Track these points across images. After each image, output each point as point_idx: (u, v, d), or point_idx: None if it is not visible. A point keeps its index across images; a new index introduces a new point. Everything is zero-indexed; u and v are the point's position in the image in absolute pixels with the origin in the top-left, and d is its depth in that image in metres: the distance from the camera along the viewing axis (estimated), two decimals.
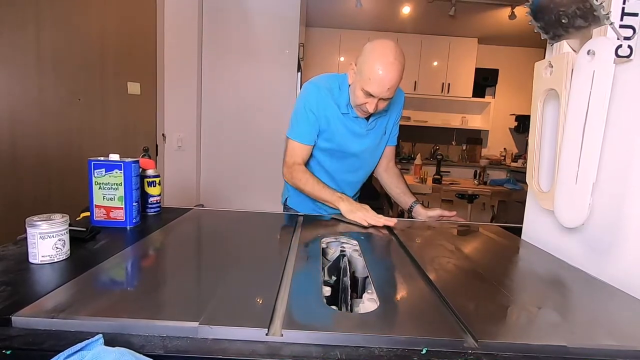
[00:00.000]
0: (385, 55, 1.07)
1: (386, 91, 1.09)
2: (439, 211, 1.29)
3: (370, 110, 1.14)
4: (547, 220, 0.95)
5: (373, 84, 1.08)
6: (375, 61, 1.07)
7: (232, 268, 0.71)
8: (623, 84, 0.74)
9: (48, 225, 0.68)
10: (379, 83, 1.08)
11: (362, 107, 1.17)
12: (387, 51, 1.07)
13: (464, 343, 0.49)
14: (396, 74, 1.08)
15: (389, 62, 1.06)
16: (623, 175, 0.74)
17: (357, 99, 1.16)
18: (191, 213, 1.15)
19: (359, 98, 1.15)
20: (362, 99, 1.14)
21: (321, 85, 1.25)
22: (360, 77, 1.12)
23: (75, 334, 0.47)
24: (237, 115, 2.61)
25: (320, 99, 1.23)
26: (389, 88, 1.09)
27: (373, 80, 1.08)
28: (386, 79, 1.07)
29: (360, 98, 1.14)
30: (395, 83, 1.09)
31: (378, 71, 1.06)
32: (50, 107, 1.84)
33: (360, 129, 1.27)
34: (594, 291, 0.71)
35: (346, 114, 1.24)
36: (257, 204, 2.61)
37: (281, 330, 0.49)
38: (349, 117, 1.24)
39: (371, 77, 1.08)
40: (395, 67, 1.07)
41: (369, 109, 1.15)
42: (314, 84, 1.26)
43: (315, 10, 3.98)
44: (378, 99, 1.12)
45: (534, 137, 0.96)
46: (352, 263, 0.90)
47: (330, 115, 1.24)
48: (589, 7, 0.73)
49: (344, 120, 1.25)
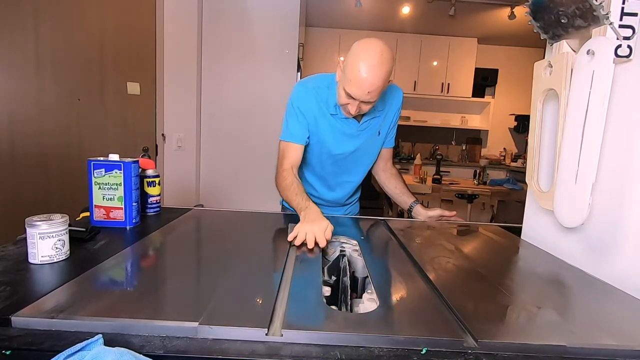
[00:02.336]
0: (370, 57, 0.99)
1: (366, 94, 1.02)
2: (439, 211, 1.29)
3: (352, 112, 1.09)
4: (546, 220, 0.95)
5: (353, 85, 1.02)
6: (357, 61, 1.00)
7: (232, 268, 0.71)
8: (622, 83, 0.74)
9: (48, 225, 0.68)
10: (359, 85, 1.01)
11: (344, 107, 1.13)
12: (372, 52, 1.00)
13: (463, 343, 0.49)
14: (378, 79, 1.00)
15: (371, 65, 0.99)
16: (623, 175, 0.74)
17: (339, 98, 1.12)
18: (191, 213, 1.15)
19: (341, 98, 1.10)
20: (344, 99, 1.09)
21: (309, 85, 1.22)
22: (343, 76, 1.06)
23: (74, 334, 0.47)
24: (236, 115, 2.61)
25: (307, 98, 1.20)
26: (370, 92, 1.02)
27: (353, 81, 1.01)
28: (366, 82, 1.00)
29: (342, 98, 1.09)
30: (376, 88, 1.02)
31: (359, 73, 1.00)
32: (49, 107, 1.84)
33: (351, 129, 1.23)
34: (593, 291, 0.71)
35: (335, 114, 1.20)
36: (257, 204, 2.61)
37: (281, 331, 0.49)
38: (338, 117, 1.20)
39: (352, 78, 1.02)
40: (378, 71, 0.99)
41: (350, 110, 1.10)
42: (301, 84, 1.24)
43: (315, 10, 3.98)
44: (359, 101, 1.06)
45: (533, 137, 0.96)
46: (352, 263, 0.90)
47: (318, 115, 1.21)
48: (589, 7, 0.73)
49: (333, 120, 1.21)
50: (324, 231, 0.88)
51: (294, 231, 0.89)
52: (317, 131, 1.23)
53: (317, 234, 0.87)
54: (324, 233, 0.88)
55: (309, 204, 1.03)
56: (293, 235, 0.88)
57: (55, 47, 1.82)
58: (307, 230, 0.88)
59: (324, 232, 0.88)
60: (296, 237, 0.88)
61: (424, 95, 4.78)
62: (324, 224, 0.91)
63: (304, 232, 0.88)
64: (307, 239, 0.87)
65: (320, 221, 0.92)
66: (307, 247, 0.85)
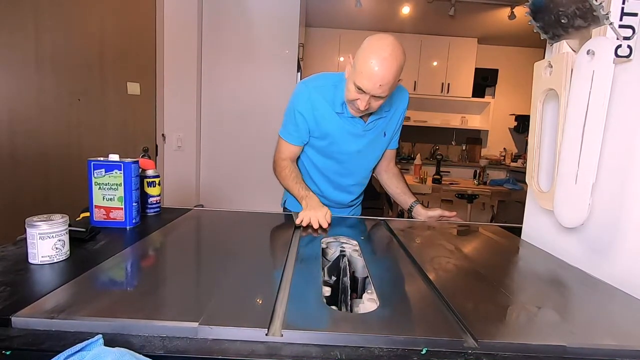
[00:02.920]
0: (382, 49, 1.01)
1: (378, 88, 1.02)
2: (439, 211, 1.29)
3: (361, 107, 1.08)
4: (546, 220, 0.95)
5: (364, 78, 1.02)
6: (369, 54, 1.01)
7: (232, 268, 0.71)
8: (622, 83, 0.74)
9: (48, 225, 0.68)
10: (370, 78, 1.01)
11: (353, 103, 1.12)
12: (385, 46, 1.01)
13: (464, 343, 0.49)
14: (389, 71, 1.01)
15: (383, 57, 1.00)
16: (622, 175, 0.74)
17: (349, 94, 1.11)
18: (191, 213, 1.15)
19: (350, 93, 1.09)
20: (354, 94, 1.08)
21: (311, 84, 1.21)
22: (354, 71, 1.07)
23: (74, 334, 0.47)
24: (236, 115, 2.61)
25: (309, 98, 1.19)
26: (381, 85, 1.02)
27: (365, 74, 1.02)
28: (378, 75, 1.00)
29: (351, 93, 1.09)
30: (388, 81, 1.02)
31: (371, 65, 1.00)
32: (49, 107, 1.84)
33: (357, 129, 1.22)
34: (593, 291, 0.71)
35: (341, 113, 1.19)
36: (257, 204, 2.61)
37: (281, 331, 0.49)
38: (344, 116, 1.20)
39: (363, 70, 1.02)
40: (389, 64, 1.00)
41: (359, 105, 1.09)
42: (303, 83, 1.23)
43: (315, 10, 3.98)
44: (369, 95, 1.05)
45: (533, 137, 0.96)
46: (352, 263, 0.90)
47: (321, 115, 1.20)
48: (589, 7, 0.73)
49: (339, 119, 1.21)
50: (324, 215, 1.07)
51: (299, 217, 1.07)
52: (318, 129, 1.22)
53: (320, 218, 1.05)
54: (325, 217, 1.06)
55: (309, 192, 1.19)
56: (299, 220, 1.06)
57: (55, 47, 1.82)
58: (310, 215, 1.06)
59: (324, 217, 1.06)
60: (302, 220, 1.06)
61: (424, 95, 4.78)
62: (324, 210, 1.10)
63: (308, 217, 1.06)
64: (311, 222, 1.05)
65: (320, 208, 1.11)
66: (312, 228, 1.04)
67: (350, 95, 1.10)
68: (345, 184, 1.36)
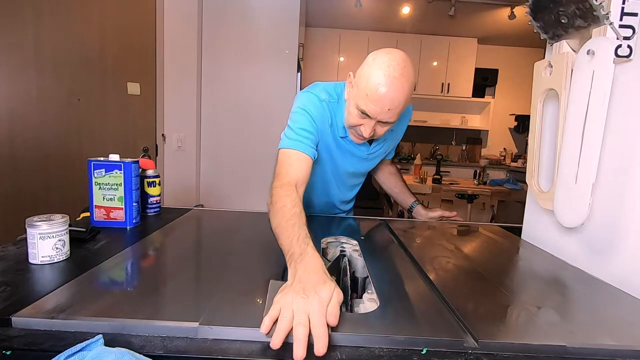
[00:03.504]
0: (391, 67, 0.84)
1: (386, 112, 0.87)
2: (439, 212, 1.29)
3: (365, 135, 0.93)
4: (547, 220, 0.95)
5: (370, 100, 0.86)
6: (375, 73, 0.85)
7: (232, 268, 0.71)
8: (622, 83, 0.74)
9: (48, 225, 0.68)
10: (378, 100, 0.86)
11: (356, 129, 0.96)
12: (395, 63, 0.84)
13: (464, 343, 0.49)
14: (400, 93, 0.85)
15: (393, 77, 0.84)
16: (623, 175, 0.74)
17: (350, 118, 0.95)
18: (191, 213, 1.15)
19: (352, 117, 0.94)
20: (356, 119, 0.93)
21: (321, 96, 1.03)
22: (356, 91, 0.91)
23: (75, 334, 0.47)
24: (236, 115, 2.61)
25: (321, 111, 1.02)
26: (390, 109, 0.87)
27: (370, 96, 0.86)
28: (387, 97, 0.85)
29: (353, 117, 0.93)
30: (398, 104, 0.87)
31: (378, 86, 0.84)
32: (49, 107, 1.84)
33: (361, 152, 1.09)
34: (593, 291, 0.71)
35: (345, 137, 1.04)
36: (258, 204, 2.60)
37: None
38: (348, 139, 1.04)
39: (368, 92, 0.86)
40: (400, 84, 0.84)
41: (363, 132, 0.93)
42: (313, 94, 1.03)
43: (315, 10, 3.98)
44: (375, 121, 0.90)
45: (533, 137, 0.96)
46: (352, 263, 0.90)
47: (328, 133, 1.05)
48: (589, 7, 0.73)
49: (342, 142, 1.06)
50: (326, 306, 0.48)
51: (273, 307, 0.49)
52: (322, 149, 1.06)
53: (315, 316, 0.46)
54: (326, 311, 0.48)
55: (307, 248, 0.62)
56: (271, 319, 0.47)
57: (55, 47, 1.81)
58: (295, 309, 0.47)
59: (326, 309, 0.48)
60: (275, 323, 0.46)
61: (424, 95, 4.78)
62: (327, 291, 0.50)
63: (290, 314, 0.47)
64: (294, 330, 0.45)
65: (320, 285, 0.51)
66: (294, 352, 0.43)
67: (352, 120, 0.94)
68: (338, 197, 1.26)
